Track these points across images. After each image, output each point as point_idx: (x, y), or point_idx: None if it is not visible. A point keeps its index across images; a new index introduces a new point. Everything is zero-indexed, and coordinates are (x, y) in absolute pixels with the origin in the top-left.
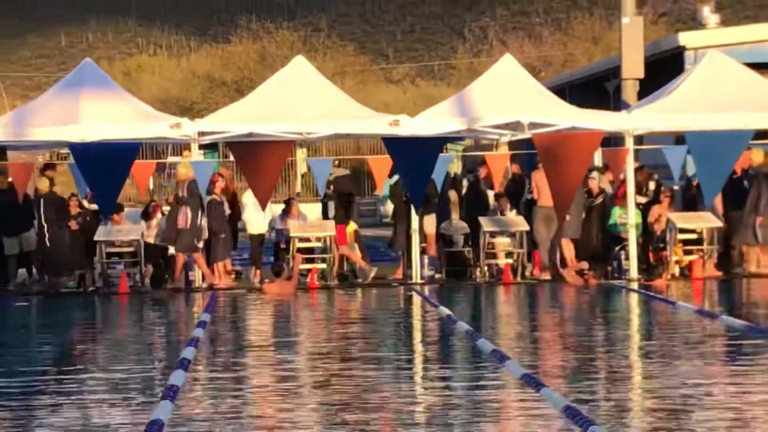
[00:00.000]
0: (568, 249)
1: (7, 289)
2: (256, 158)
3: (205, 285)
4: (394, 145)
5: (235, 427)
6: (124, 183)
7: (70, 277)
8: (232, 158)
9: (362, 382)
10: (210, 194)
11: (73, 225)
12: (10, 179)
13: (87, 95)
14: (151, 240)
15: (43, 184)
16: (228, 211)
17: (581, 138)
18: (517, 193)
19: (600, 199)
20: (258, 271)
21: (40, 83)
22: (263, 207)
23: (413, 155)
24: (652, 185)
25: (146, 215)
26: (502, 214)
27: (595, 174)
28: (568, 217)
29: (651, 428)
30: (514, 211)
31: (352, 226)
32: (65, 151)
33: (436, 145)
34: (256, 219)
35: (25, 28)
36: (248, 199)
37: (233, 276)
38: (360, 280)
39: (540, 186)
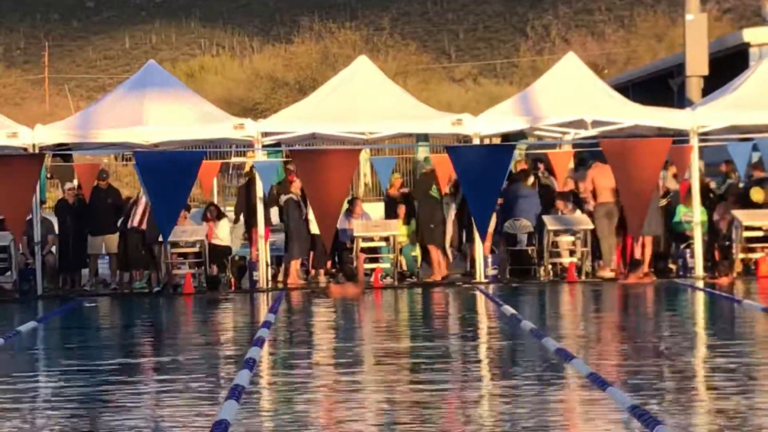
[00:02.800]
0: (647, 249)
1: (74, 289)
2: (321, 170)
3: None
4: (458, 155)
5: (300, 429)
6: (186, 199)
7: (136, 278)
8: None
9: (428, 384)
10: (287, 193)
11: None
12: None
13: (151, 96)
14: (216, 241)
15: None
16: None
17: (650, 144)
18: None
19: (666, 201)
20: (322, 271)
21: (104, 84)
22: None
23: (480, 168)
24: (729, 180)
25: (205, 217)
26: (562, 214)
27: (660, 173)
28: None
29: (718, 428)
30: (578, 211)
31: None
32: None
33: (504, 156)
34: None
35: (89, 30)
36: None
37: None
38: (414, 279)
39: (598, 183)
